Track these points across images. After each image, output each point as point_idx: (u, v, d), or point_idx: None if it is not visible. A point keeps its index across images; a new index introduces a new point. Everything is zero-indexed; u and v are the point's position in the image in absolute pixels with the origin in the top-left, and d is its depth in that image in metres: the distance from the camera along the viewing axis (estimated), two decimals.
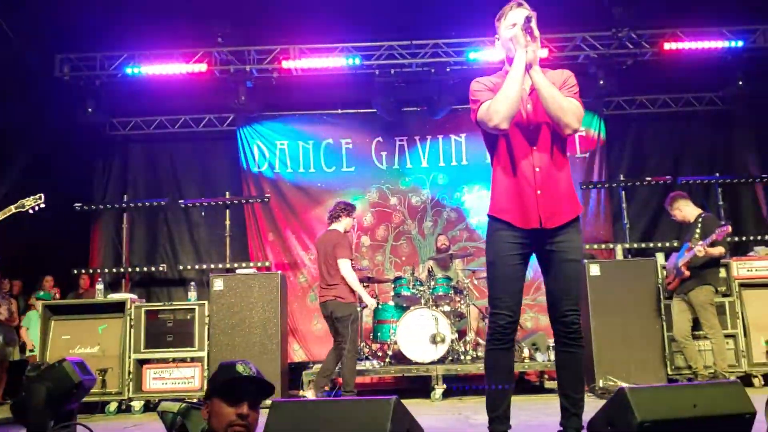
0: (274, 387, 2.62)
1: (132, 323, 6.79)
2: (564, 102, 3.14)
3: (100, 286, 7.23)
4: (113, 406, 6.59)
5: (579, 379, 3.31)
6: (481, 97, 3.24)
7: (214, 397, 2.52)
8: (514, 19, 3.22)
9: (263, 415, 2.60)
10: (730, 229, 5.92)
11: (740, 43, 8.75)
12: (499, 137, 3.27)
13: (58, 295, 8.79)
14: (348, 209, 6.36)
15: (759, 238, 8.79)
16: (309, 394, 6.47)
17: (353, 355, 6.11)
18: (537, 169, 3.19)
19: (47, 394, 3.36)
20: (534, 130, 3.22)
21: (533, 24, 3.16)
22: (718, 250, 6.05)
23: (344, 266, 6.05)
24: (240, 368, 2.53)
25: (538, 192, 3.17)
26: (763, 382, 6.64)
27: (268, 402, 2.79)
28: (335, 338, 6.22)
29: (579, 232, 3.30)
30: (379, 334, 7.43)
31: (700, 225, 6.20)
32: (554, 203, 3.19)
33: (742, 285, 6.93)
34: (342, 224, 6.31)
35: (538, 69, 3.17)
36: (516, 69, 3.13)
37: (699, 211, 6.40)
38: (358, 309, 6.09)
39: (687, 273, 6.19)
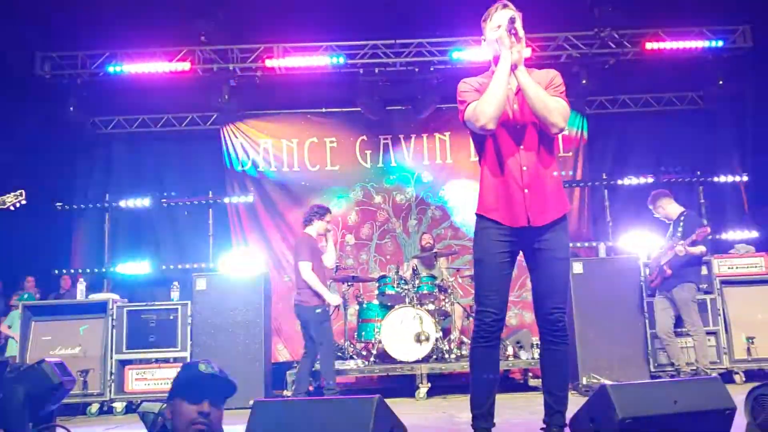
0: (236, 386, 2.60)
1: (114, 323, 6.74)
2: (550, 101, 3.15)
3: (81, 286, 7.17)
4: (95, 407, 6.54)
5: (564, 377, 3.34)
6: (468, 97, 3.27)
7: (176, 397, 2.50)
8: (499, 20, 3.24)
9: (242, 415, 2.59)
10: (709, 230, 5.98)
11: (720, 43, 8.83)
12: (486, 137, 3.28)
13: (38, 296, 8.70)
14: (320, 212, 6.34)
15: (740, 235, 8.87)
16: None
17: (330, 354, 6.11)
18: (524, 168, 3.21)
19: (26, 395, 3.32)
20: (521, 130, 3.24)
21: (518, 25, 3.18)
22: (699, 249, 6.10)
23: (303, 269, 6.06)
24: (202, 367, 2.53)
25: (526, 191, 3.19)
26: (744, 379, 6.69)
27: (250, 402, 2.78)
28: (305, 343, 6.23)
29: (566, 231, 3.33)
30: (363, 333, 7.41)
31: (682, 223, 6.25)
32: (542, 202, 3.21)
33: (723, 282, 6.99)
34: (314, 228, 6.30)
35: (524, 69, 3.18)
36: (501, 70, 3.15)
37: (681, 209, 6.45)
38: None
39: (669, 271, 6.24)
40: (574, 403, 3.23)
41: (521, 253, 3.37)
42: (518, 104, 3.25)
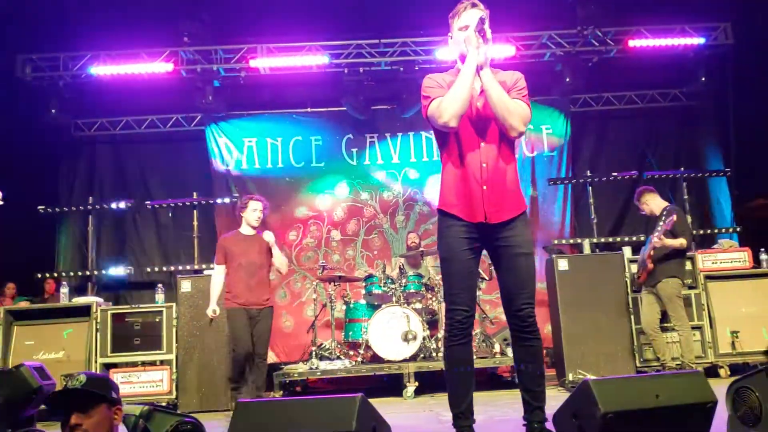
0: (97, 390, 2.64)
1: (98, 327, 6.70)
2: (510, 104, 3.20)
3: (64, 290, 7.12)
4: None
5: (539, 372, 3.32)
6: (432, 93, 3.31)
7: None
8: (467, 20, 3.28)
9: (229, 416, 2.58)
10: (675, 217, 6.03)
11: (702, 40, 8.88)
12: (449, 133, 3.32)
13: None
14: (240, 205, 6.14)
15: (723, 230, 8.95)
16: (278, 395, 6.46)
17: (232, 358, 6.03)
18: (484, 165, 3.24)
19: (4, 400, 3.28)
20: (483, 127, 3.28)
21: (486, 26, 3.22)
22: (679, 242, 6.12)
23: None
24: (69, 384, 2.64)
25: (484, 187, 3.23)
26: (729, 373, 6.76)
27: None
28: None
29: (527, 226, 3.36)
30: (350, 332, 7.40)
31: (663, 218, 6.29)
32: (499, 199, 3.24)
33: (707, 277, 7.07)
34: (245, 224, 6.05)
35: (489, 71, 3.22)
36: (467, 69, 3.20)
37: (665, 204, 6.48)
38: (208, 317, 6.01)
39: (650, 266, 6.28)
40: (560, 399, 3.22)
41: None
42: (482, 102, 3.29)
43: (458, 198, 3.27)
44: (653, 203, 6.49)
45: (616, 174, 8.85)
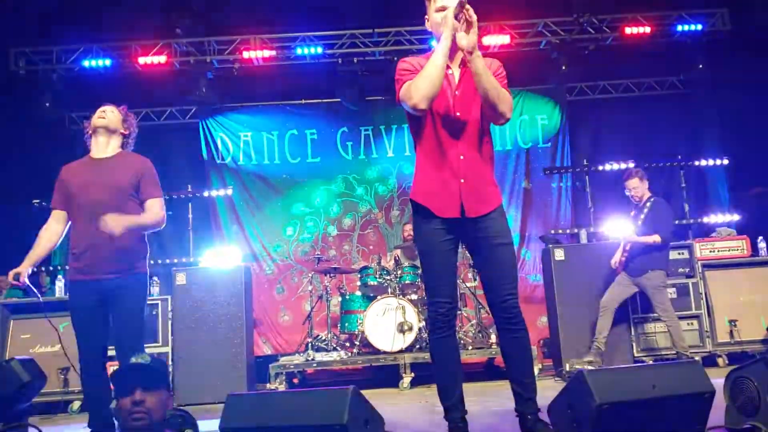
0: (162, 372, 2.74)
1: None
2: (501, 91, 3.13)
3: (60, 284, 7.09)
4: (76, 405, 6.46)
5: (528, 363, 3.30)
6: (405, 76, 3.24)
7: (115, 398, 2.68)
8: (445, 0, 3.18)
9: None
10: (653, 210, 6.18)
11: (699, 27, 8.83)
12: (425, 123, 3.25)
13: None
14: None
15: (721, 219, 8.89)
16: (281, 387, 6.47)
17: None
18: (461, 157, 3.18)
19: None
20: (460, 118, 3.21)
21: (469, 10, 3.11)
22: (652, 239, 6.11)
23: None
24: (133, 360, 2.70)
25: (462, 181, 3.17)
26: (727, 362, 6.72)
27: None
28: None
29: (504, 217, 3.30)
30: (346, 324, 7.38)
31: (646, 209, 6.25)
32: (477, 193, 3.19)
33: (705, 266, 7.03)
34: (93, 141, 4.07)
35: (479, 54, 3.11)
36: (440, 51, 3.11)
37: (650, 194, 6.43)
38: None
39: (621, 257, 6.29)
40: (558, 390, 3.20)
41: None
42: (460, 92, 3.23)
43: (434, 192, 3.22)
44: (643, 188, 6.43)
45: (612, 163, 8.80)
